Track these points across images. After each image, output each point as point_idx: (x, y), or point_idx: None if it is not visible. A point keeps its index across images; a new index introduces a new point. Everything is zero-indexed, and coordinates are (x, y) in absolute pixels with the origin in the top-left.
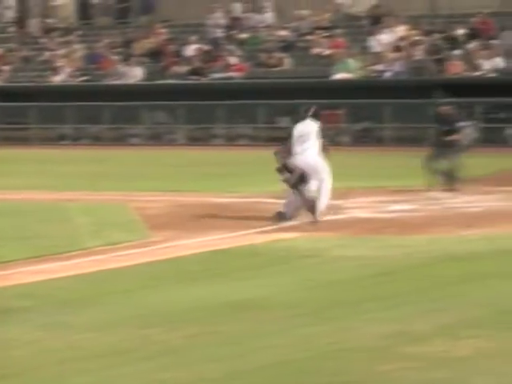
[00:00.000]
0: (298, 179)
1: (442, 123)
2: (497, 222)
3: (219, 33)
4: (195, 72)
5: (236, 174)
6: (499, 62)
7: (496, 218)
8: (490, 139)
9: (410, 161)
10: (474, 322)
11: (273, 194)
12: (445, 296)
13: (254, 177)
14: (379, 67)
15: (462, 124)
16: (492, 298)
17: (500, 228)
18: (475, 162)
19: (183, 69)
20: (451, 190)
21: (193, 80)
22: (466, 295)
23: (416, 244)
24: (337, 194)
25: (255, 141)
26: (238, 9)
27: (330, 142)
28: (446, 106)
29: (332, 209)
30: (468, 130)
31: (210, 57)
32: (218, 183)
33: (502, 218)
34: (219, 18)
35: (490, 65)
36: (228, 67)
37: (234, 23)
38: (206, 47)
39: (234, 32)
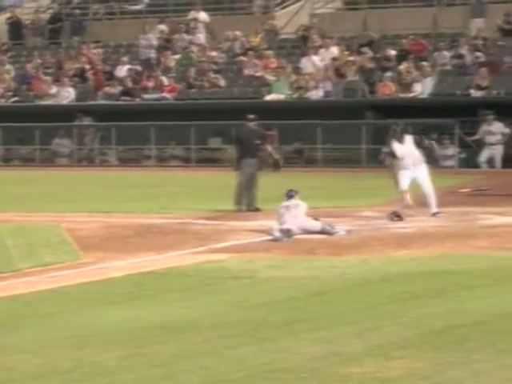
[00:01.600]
0: None
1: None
2: (427, 242)
3: (151, 53)
4: (127, 93)
5: (167, 195)
6: (431, 83)
7: (426, 238)
8: None
9: (342, 181)
10: (405, 342)
11: (203, 215)
12: (376, 316)
13: (185, 198)
14: (311, 88)
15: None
16: (421, 319)
17: (430, 249)
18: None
19: (115, 89)
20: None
21: (125, 101)
22: (396, 316)
23: (348, 265)
24: (267, 215)
25: (187, 162)
26: (169, 29)
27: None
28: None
29: (265, 230)
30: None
31: (142, 77)
32: (150, 204)
33: (432, 238)
34: (151, 38)
35: (422, 86)
36: (160, 88)
37: (166, 44)
38: (138, 68)
39: (166, 53)
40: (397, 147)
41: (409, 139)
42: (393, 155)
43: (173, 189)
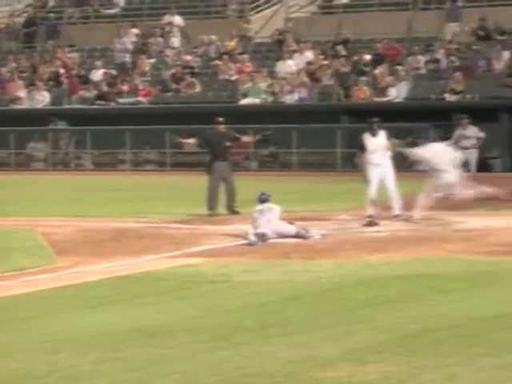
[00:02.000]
0: None
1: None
2: (402, 246)
3: (126, 57)
4: (102, 97)
5: (142, 200)
6: (405, 87)
7: (401, 242)
8: (396, 163)
9: (317, 185)
10: (380, 346)
11: (178, 220)
12: (351, 321)
13: (160, 202)
14: (286, 92)
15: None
16: (396, 323)
17: (405, 253)
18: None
19: (90, 93)
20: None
21: (99, 105)
22: (371, 320)
23: (323, 269)
24: (242, 219)
25: (162, 166)
26: (144, 33)
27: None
28: None
29: (239, 234)
30: None
31: (117, 81)
32: (125, 208)
33: (406, 242)
34: (126, 42)
35: (397, 90)
36: (135, 92)
37: (141, 48)
38: (112, 72)
39: (141, 57)
40: (368, 141)
41: (382, 134)
42: (362, 148)
43: (148, 193)
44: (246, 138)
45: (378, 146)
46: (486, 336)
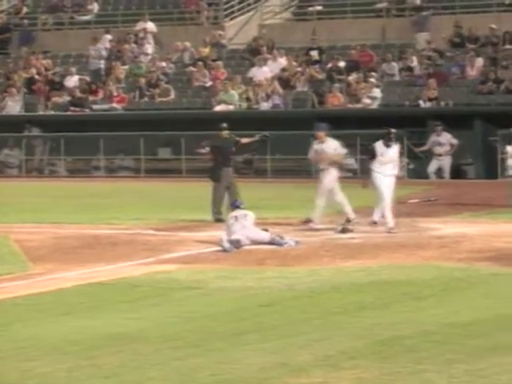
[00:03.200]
0: None
1: None
2: (376, 253)
3: (101, 64)
4: (76, 103)
5: (116, 206)
6: (379, 93)
7: (375, 249)
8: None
9: (291, 192)
10: (353, 352)
11: (153, 226)
12: (325, 327)
13: (134, 208)
14: (260, 99)
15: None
16: (370, 329)
17: (379, 259)
18: (355, 193)
19: (64, 100)
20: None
21: (74, 111)
22: (345, 326)
23: (297, 275)
24: (216, 225)
25: (136, 172)
26: (118, 40)
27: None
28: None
29: (214, 241)
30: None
31: (92, 88)
32: (99, 215)
33: (381, 249)
34: (100, 49)
35: (371, 97)
36: (109, 98)
37: (116, 54)
38: (87, 78)
39: (116, 63)
40: (381, 150)
41: (395, 148)
42: (372, 154)
43: (122, 199)
44: (244, 140)
45: (391, 158)
46: (460, 342)
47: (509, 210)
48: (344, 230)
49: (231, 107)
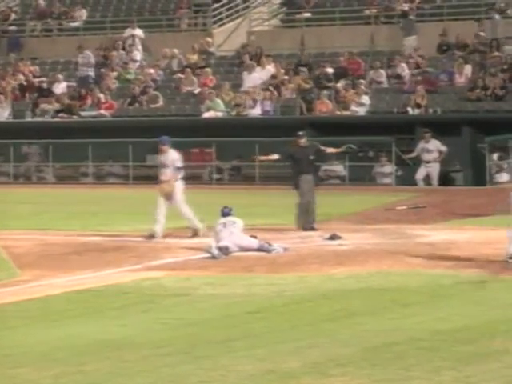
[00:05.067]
0: None
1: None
2: (364, 260)
3: (89, 71)
4: (64, 110)
5: (104, 213)
6: (368, 100)
7: (364, 256)
8: (359, 177)
9: (280, 199)
10: (342, 359)
11: (141, 233)
12: (314, 334)
13: (122, 215)
14: (249, 105)
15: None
16: (359, 336)
17: (367, 266)
18: (344, 200)
19: (52, 106)
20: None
21: (62, 118)
22: (334, 333)
23: (286, 282)
24: (203, 232)
25: (125, 179)
26: (107, 47)
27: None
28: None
29: (202, 247)
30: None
31: (80, 94)
32: (87, 222)
33: (369, 256)
34: (89, 55)
35: (359, 104)
36: (97, 105)
37: (104, 61)
38: (75, 85)
39: (104, 70)
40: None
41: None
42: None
43: (110, 206)
44: (330, 150)
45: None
46: (447, 349)
47: (497, 217)
48: (333, 237)
49: (220, 114)
